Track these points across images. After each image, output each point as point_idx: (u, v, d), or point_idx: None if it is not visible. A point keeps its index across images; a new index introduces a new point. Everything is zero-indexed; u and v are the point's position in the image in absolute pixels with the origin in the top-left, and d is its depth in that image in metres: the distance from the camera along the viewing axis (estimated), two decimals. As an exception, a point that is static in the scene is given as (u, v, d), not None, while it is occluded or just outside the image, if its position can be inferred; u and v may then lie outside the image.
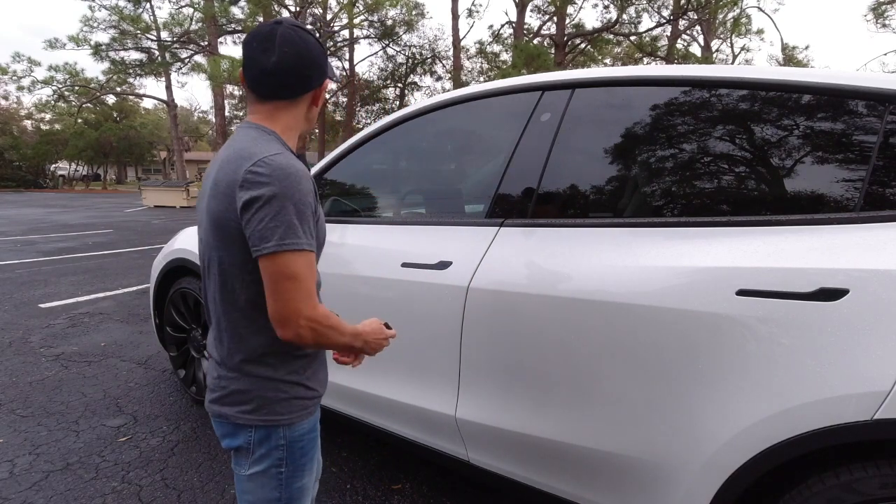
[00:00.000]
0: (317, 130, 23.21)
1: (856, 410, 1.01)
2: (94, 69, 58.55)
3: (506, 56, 22.16)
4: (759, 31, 22.89)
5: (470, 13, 24.91)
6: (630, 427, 1.32)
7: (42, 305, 4.69)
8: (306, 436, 1.04)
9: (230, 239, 0.93)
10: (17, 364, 3.29)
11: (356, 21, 21.14)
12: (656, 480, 1.29)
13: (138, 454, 2.27)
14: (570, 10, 19.73)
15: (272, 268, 0.87)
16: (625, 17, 19.87)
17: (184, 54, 23.56)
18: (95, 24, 21.73)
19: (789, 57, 21.64)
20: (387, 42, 23.65)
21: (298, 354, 1.02)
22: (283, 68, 0.95)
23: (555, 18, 19.95)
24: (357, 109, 25.54)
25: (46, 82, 24.19)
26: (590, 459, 1.40)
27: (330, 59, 1.13)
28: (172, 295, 2.75)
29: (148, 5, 21.71)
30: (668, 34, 21.63)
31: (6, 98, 34.23)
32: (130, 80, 25.28)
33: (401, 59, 24.99)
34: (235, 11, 21.07)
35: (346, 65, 24.09)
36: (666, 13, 20.14)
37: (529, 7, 20.11)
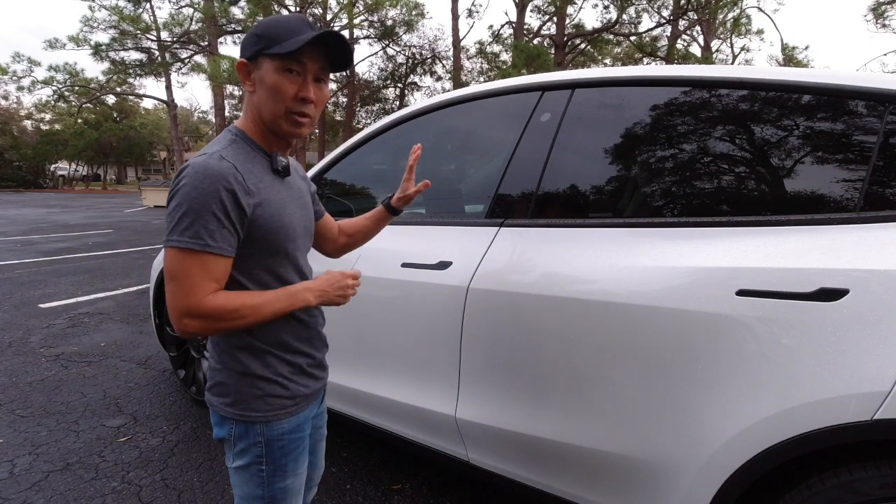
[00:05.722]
0: (317, 131, 23.20)
1: (856, 411, 1.01)
2: (94, 69, 58.61)
3: (506, 56, 22.13)
4: (759, 32, 22.87)
5: (470, 13, 24.98)
6: (630, 427, 1.31)
7: (42, 305, 4.69)
8: (286, 436, 1.03)
9: None
10: (17, 364, 3.29)
11: (356, 21, 21.13)
12: (656, 481, 1.29)
13: (138, 454, 2.27)
14: (570, 10, 19.72)
15: (164, 262, 0.91)
16: (625, 17, 19.85)
17: (184, 54, 23.57)
18: (95, 25, 21.73)
19: (789, 57, 21.61)
20: (387, 42, 23.63)
21: (274, 353, 1.01)
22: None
23: (555, 19, 19.93)
24: (357, 109, 25.51)
25: (46, 82, 24.19)
26: (590, 460, 1.39)
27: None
28: (172, 295, 2.75)
29: (148, 5, 21.72)
30: (668, 34, 21.60)
31: (6, 98, 34.22)
32: (130, 80, 25.27)
33: (401, 59, 24.98)
34: (235, 11, 21.07)
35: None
36: (666, 13, 20.12)
37: (529, 7, 20.09)
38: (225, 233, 0.89)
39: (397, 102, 25.76)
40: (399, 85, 25.77)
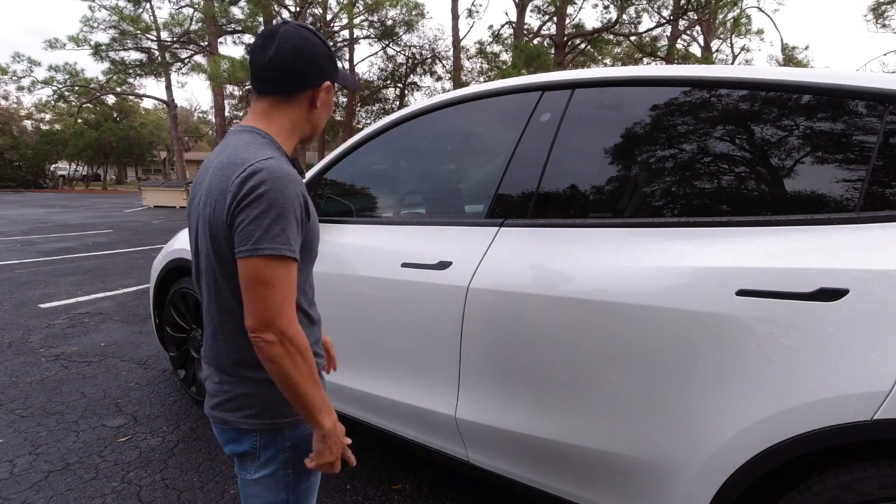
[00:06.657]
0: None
1: (856, 410, 1.01)
2: (94, 69, 58.54)
3: (506, 56, 22.12)
4: (759, 32, 22.86)
5: (470, 13, 24.99)
6: (630, 427, 1.32)
7: (42, 305, 4.69)
8: (311, 435, 1.03)
9: (222, 248, 0.92)
10: (17, 364, 3.29)
11: (356, 21, 21.11)
12: (656, 481, 1.29)
13: (138, 454, 2.27)
14: (570, 10, 19.71)
15: (246, 271, 0.86)
16: (625, 17, 19.84)
17: (184, 54, 23.54)
18: (95, 25, 21.70)
19: (789, 57, 21.59)
20: (387, 42, 23.61)
21: None
22: (277, 63, 0.97)
23: (555, 19, 19.92)
24: (357, 109, 25.50)
25: (46, 82, 24.15)
26: (590, 460, 1.40)
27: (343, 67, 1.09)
28: (172, 295, 2.75)
29: (148, 5, 21.70)
30: (668, 34, 21.59)
31: (6, 98, 34.20)
32: (130, 80, 25.25)
33: (401, 59, 24.98)
34: (235, 11, 21.05)
35: (347, 65, 24.07)
36: (666, 13, 20.12)
37: (529, 7, 20.08)
38: (300, 240, 0.91)
39: (397, 102, 25.75)
40: (399, 85, 25.77)
